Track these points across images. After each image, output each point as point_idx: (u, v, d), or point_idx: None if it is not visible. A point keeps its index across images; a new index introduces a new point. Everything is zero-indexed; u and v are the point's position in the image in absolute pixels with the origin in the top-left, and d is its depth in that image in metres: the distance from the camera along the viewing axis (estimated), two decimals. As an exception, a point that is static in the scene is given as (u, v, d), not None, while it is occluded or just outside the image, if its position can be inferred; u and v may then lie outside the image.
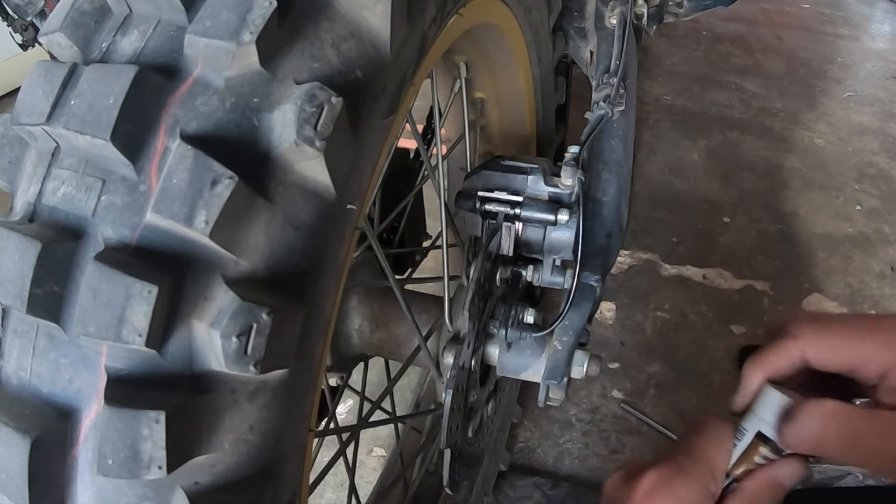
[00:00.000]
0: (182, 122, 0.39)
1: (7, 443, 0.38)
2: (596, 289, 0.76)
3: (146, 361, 0.39)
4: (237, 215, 0.39)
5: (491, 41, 0.82)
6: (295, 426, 0.45)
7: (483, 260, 0.70)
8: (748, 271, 1.77)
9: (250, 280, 0.40)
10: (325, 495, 1.28)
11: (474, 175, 0.75)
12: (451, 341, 0.71)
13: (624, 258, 1.79)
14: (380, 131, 0.47)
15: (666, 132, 2.34)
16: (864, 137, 2.35)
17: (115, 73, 0.39)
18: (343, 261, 0.46)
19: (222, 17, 0.39)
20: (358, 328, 0.85)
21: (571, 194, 0.72)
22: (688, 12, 1.26)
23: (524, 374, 0.76)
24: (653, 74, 2.68)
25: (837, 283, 1.75)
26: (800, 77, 2.72)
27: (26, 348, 0.41)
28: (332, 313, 0.47)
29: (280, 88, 0.40)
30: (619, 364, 1.52)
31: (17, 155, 0.44)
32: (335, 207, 0.43)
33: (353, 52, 0.43)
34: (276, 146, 0.40)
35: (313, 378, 0.46)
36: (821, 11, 3.36)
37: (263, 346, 0.39)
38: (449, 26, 0.57)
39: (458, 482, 0.71)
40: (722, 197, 2.03)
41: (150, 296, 0.37)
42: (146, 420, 0.37)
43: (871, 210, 2.01)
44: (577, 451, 1.36)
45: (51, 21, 0.44)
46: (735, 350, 1.55)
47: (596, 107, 0.79)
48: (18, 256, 0.38)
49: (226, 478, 0.41)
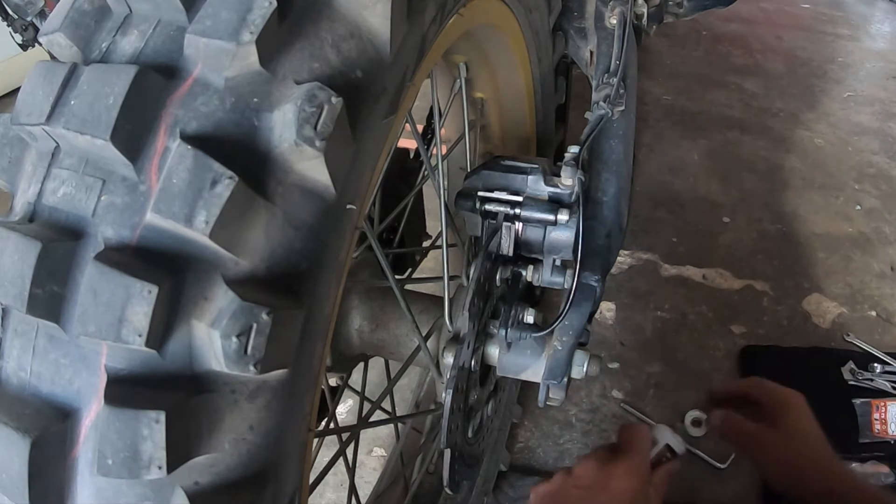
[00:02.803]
0: (182, 122, 0.39)
1: (7, 443, 0.38)
2: (596, 289, 0.76)
3: (146, 361, 0.39)
4: (237, 215, 0.39)
5: (491, 41, 0.82)
6: (295, 426, 0.45)
7: (483, 260, 0.69)
8: (748, 271, 1.76)
9: (250, 280, 0.40)
10: (325, 495, 1.28)
11: (474, 175, 0.75)
12: (451, 341, 0.71)
13: (624, 258, 1.79)
14: (380, 131, 0.47)
15: (666, 132, 2.34)
16: (864, 137, 2.35)
17: (115, 73, 0.39)
18: (343, 261, 0.46)
19: (222, 17, 0.39)
20: (358, 328, 0.85)
21: (571, 194, 0.72)
22: (688, 12, 1.26)
23: (524, 374, 0.76)
24: (653, 74, 2.68)
25: (837, 283, 1.75)
26: (800, 77, 2.72)
27: (26, 348, 0.41)
28: (332, 313, 0.47)
29: (280, 88, 0.40)
30: (619, 364, 1.52)
31: (17, 155, 0.44)
32: (335, 207, 0.43)
33: (353, 52, 0.43)
34: (276, 146, 0.40)
35: (313, 378, 0.46)
36: (821, 11, 3.36)
37: (263, 346, 0.39)
38: (449, 26, 0.57)
39: (458, 482, 0.71)
40: (722, 197, 2.03)
41: (150, 296, 0.37)
42: (146, 420, 0.37)
43: (871, 210, 2.01)
44: (577, 451, 1.36)
45: (51, 21, 0.44)
46: (735, 350, 1.55)
47: (596, 107, 0.78)
48: (18, 256, 0.38)
49: (226, 478, 0.41)
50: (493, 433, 1.17)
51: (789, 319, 1.64)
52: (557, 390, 0.75)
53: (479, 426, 0.81)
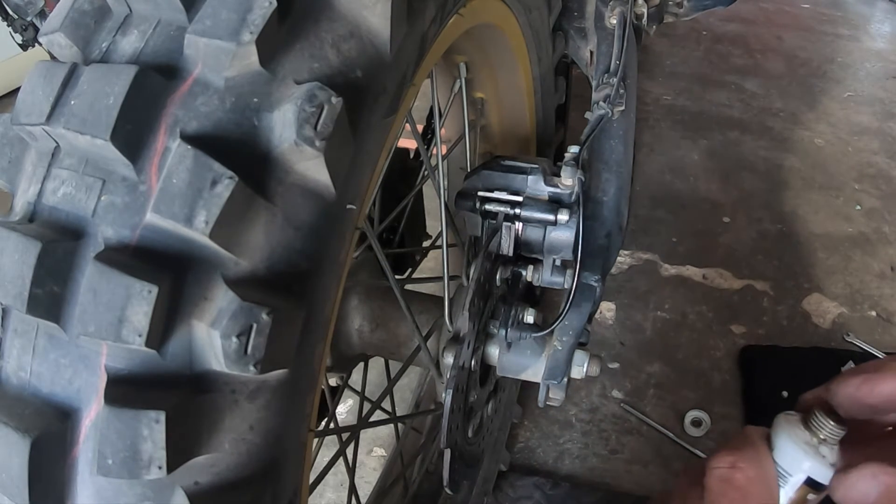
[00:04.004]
0: (182, 122, 0.39)
1: (7, 443, 0.38)
2: (596, 289, 0.76)
3: (146, 361, 0.39)
4: (237, 215, 0.39)
5: (491, 41, 0.82)
6: (295, 426, 0.45)
7: (483, 260, 0.69)
8: (748, 271, 1.77)
9: (250, 280, 0.40)
10: (325, 495, 1.28)
11: (474, 175, 0.75)
12: (451, 341, 0.71)
13: (624, 258, 1.79)
14: (380, 131, 0.47)
15: (666, 132, 2.34)
16: (864, 137, 2.35)
17: (115, 73, 0.39)
18: (343, 261, 0.46)
19: (222, 17, 0.39)
20: (358, 328, 0.85)
21: (571, 194, 0.72)
22: (688, 12, 1.26)
23: (524, 374, 0.76)
24: (653, 74, 2.68)
25: (837, 282, 1.75)
26: (800, 77, 2.72)
27: (26, 348, 0.41)
28: (332, 313, 0.47)
29: (280, 88, 0.40)
30: (619, 364, 1.52)
31: (17, 155, 0.44)
32: (335, 207, 0.43)
33: (353, 52, 0.43)
34: (276, 146, 0.40)
35: (313, 378, 0.46)
36: (821, 11, 3.36)
37: (263, 346, 0.39)
38: (449, 26, 0.57)
39: (458, 482, 0.71)
40: (722, 197, 2.03)
41: (150, 296, 0.37)
42: (146, 420, 0.37)
43: (871, 210, 2.01)
44: (577, 451, 1.36)
45: (51, 21, 0.44)
46: (735, 350, 1.55)
47: (596, 107, 0.78)
48: (18, 256, 0.38)
49: (226, 478, 0.41)
50: (493, 433, 1.17)
51: (789, 319, 1.64)
52: (557, 390, 0.75)
53: (479, 426, 0.81)
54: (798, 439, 0.44)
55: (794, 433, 0.44)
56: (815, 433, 0.44)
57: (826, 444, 0.43)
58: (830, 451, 0.43)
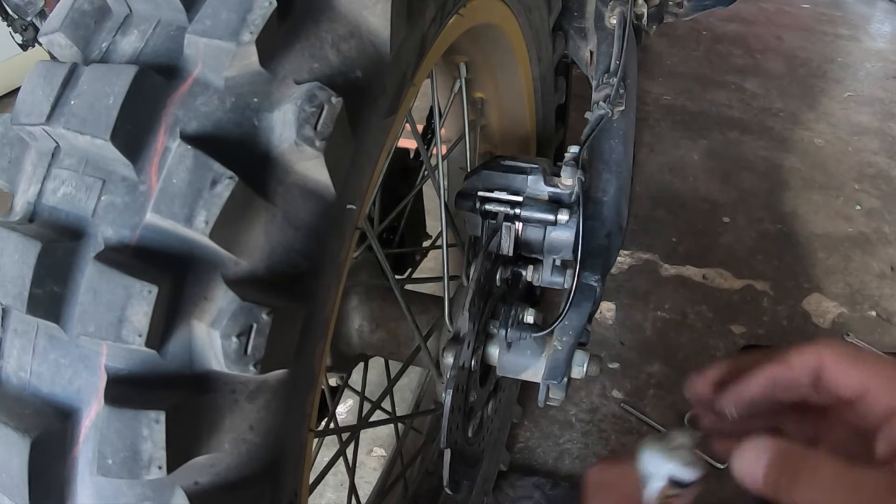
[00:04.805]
0: (182, 122, 0.39)
1: (7, 443, 0.38)
2: (596, 289, 0.76)
3: (146, 361, 0.39)
4: (237, 215, 0.39)
5: (491, 41, 0.82)
6: (295, 426, 0.45)
7: (483, 260, 0.69)
8: (748, 271, 1.77)
9: (250, 280, 0.40)
10: (325, 495, 1.28)
11: (474, 175, 0.75)
12: (451, 341, 0.71)
13: (624, 258, 1.79)
14: (380, 131, 0.47)
15: (666, 132, 2.34)
16: (864, 137, 2.35)
17: (115, 73, 0.39)
18: (343, 261, 0.46)
19: (222, 17, 0.39)
20: (358, 328, 0.85)
21: (571, 194, 0.72)
22: (688, 12, 1.26)
23: (524, 374, 0.76)
24: (653, 74, 2.68)
25: (837, 283, 1.75)
26: (800, 77, 2.72)
27: (26, 348, 0.40)
28: (332, 313, 0.47)
29: (280, 88, 0.40)
30: (619, 364, 1.52)
31: (17, 155, 0.44)
32: (335, 207, 0.43)
33: (353, 52, 0.43)
34: (276, 146, 0.40)
35: (313, 378, 0.46)
36: (821, 11, 3.36)
37: (263, 346, 0.39)
38: (449, 26, 0.57)
39: (458, 482, 0.71)
40: (722, 197, 2.03)
41: (150, 296, 0.37)
42: (146, 420, 0.37)
43: (871, 210, 2.01)
44: (577, 451, 1.36)
45: (51, 21, 0.44)
46: (735, 350, 1.55)
47: (596, 107, 0.78)
48: (18, 256, 0.38)
49: (226, 478, 0.41)
50: (493, 433, 1.17)
51: (789, 319, 1.64)
52: (557, 390, 0.75)
53: (479, 426, 0.81)
54: (655, 447, 0.52)
55: (654, 443, 0.52)
56: (672, 441, 0.52)
57: (683, 448, 0.51)
58: (687, 454, 0.51)
